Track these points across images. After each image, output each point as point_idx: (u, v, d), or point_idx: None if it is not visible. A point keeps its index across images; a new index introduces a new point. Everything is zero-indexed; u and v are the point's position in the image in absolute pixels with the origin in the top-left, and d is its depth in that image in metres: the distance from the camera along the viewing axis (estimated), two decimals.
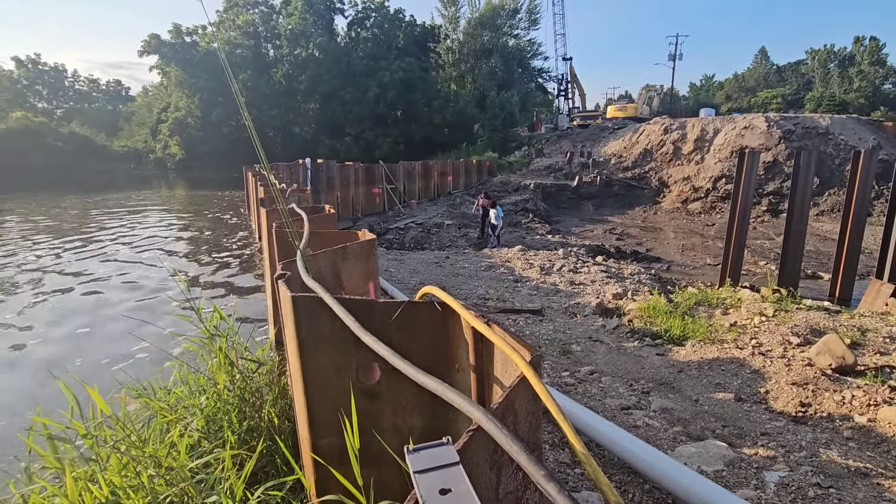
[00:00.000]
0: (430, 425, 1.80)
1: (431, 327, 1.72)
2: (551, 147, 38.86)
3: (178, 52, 48.22)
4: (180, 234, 17.33)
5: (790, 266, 9.90)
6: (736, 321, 5.63)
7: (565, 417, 0.99)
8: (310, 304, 1.72)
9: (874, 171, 9.79)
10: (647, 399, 3.85)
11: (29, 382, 5.90)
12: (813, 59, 74.18)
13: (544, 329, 5.75)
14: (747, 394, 3.94)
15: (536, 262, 9.94)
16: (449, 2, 55.96)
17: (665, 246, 17.92)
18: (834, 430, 3.31)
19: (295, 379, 1.90)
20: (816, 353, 4.25)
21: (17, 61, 71.62)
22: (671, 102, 57.65)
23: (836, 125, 27.32)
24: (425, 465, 0.84)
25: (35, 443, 1.95)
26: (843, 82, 67.21)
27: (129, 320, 7.40)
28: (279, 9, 51.69)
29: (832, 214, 22.40)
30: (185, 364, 2.80)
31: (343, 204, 18.97)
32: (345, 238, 3.33)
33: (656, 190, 28.24)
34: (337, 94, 47.42)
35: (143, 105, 69.22)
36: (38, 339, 7.26)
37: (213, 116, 47.15)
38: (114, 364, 6.01)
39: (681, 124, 30.83)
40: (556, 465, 2.84)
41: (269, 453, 2.29)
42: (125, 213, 22.29)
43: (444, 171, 28.68)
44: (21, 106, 60.27)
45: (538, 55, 59.30)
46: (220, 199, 28.02)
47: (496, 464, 1.07)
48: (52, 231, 16.82)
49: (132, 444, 1.95)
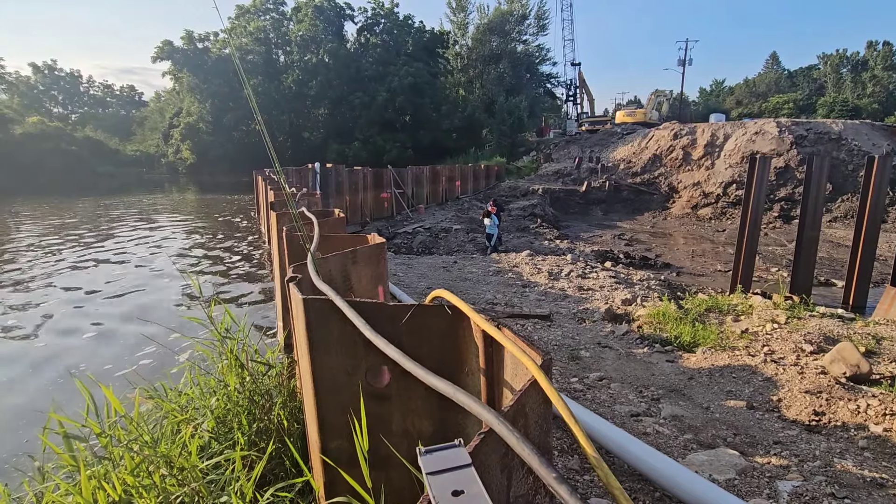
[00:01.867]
0: (439, 429, 1.80)
1: (441, 331, 1.72)
2: (560, 152, 38.81)
3: (190, 58, 49.00)
4: (191, 236, 17.52)
5: (803, 273, 9.77)
6: (747, 328, 5.57)
7: (577, 422, 0.98)
8: (321, 306, 1.73)
9: (888, 176, 9.65)
10: (658, 406, 3.81)
11: (41, 383, 5.98)
12: (825, 64, 73.53)
13: (553, 334, 5.73)
14: (759, 402, 3.89)
15: (545, 268, 9.90)
16: (458, 8, 56.34)
17: (675, 252, 17.77)
18: (849, 439, 3.26)
19: (305, 381, 1.91)
20: (830, 362, 4.19)
21: (35, 67, 73.23)
22: (681, 108, 57.38)
23: (849, 130, 27.00)
24: (438, 466, 0.84)
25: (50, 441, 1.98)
26: (856, 87, 66.51)
27: (140, 322, 7.48)
28: (290, 15, 52.35)
29: (845, 221, 22.10)
30: (196, 366, 2.82)
31: (352, 208, 19.06)
32: (354, 242, 3.35)
33: (666, 195, 28.06)
34: (346, 100, 47.83)
35: (155, 110, 70.33)
36: (51, 340, 7.36)
37: (223, 121, 47.79)
38: (126, 365, 6.08)
39: (690, 129, 30.65)
40: (566, 470, 2.82)
41: (278, 455, 2.30)
42: (136, 216, 22.59)
43: (452, 176, 28.73)
44: (37, 111, 61.54)
45: (547, 60, 59.40)
46: (231, 203, 28.30)
47: (507, 467, 1.07)
48: (63, 233, 17.08)
49: (145, 444, 1.97)
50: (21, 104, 61.69)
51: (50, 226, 19.01)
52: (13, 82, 66.66)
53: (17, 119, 47.92)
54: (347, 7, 51.96)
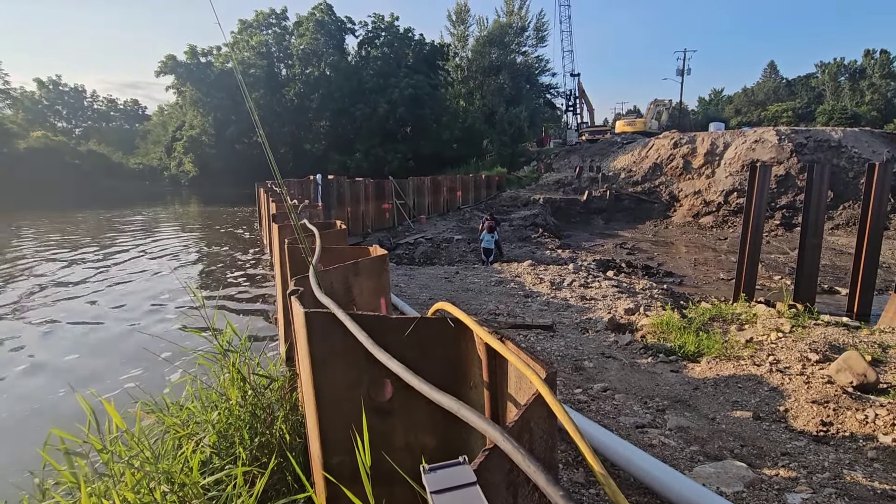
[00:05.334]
0: (442, 444, 1.78)
1: (444, 344, 1.71)
2: (560, 162, 38.98)
3: (193, 72, 49.50)
4: (193, 249, 17.56)
5: (806, 281, 9.73)
6: (752, 337, 5.53)
7: (583, 437, 0.97)
8: (322, 319, 1.72)
9: (889, 183, 9.65)
10: (663, 417, 3.77)
11: (41, 396, 5.95)
12: (823, 72, 73.99)
13: (556, 345, 5.69)
14: (766, 412, 3.85)
15: (547, 277, 9.88)
16: (458, 20, 57.00)
17: (677, 260, 17.73)
18: (857, 450, 3.21)
19: (307, 395, 1.89)
20: (836, 371, 4.15)
21: (39, 83, 74.13)
22: (680, 117, 57.69)
23: (849, 138, 27.07)
24: (442, 485, 0.83)
25: (50, 457, 1.97)
26: (855, 95, 66.85)
27: (141, 335, 7.46)
28: (292, 30, 52.97)
29: (847, 228, 22.07)
30: (198, 379, 2.81)
31: (353, 219, 19.11)
32: (356, 254, 3.35)
33: (667, 204, 28.08)
34: (347, 111, 48.19)
35: (158, 123, 70.92)
36: (50, 354, 7.34)
37: (226, 134, 48.13)
38: (127, 379, 6.05)
39: (690, 138, 30.77)
40: (571, 484, 2.79)
41: (280, 470, 2.28)
42: (139, 228, 22.67)
43: (454, 187, 28.83)
44: (41, 125, 62.04)
45: (546, 71, 59.84)
46: (233, 215, 28.40)
47: (512, 484, 1.05)
48: (66, 246, 17.13)
49: (146, 460, 1.95)
50: (25, 119, 62.29)
51: (50, 238, 19.09)
52: (18, 97, 67.40)
53: (21, 133, 48.33)
54: (348, 21, 52.60)
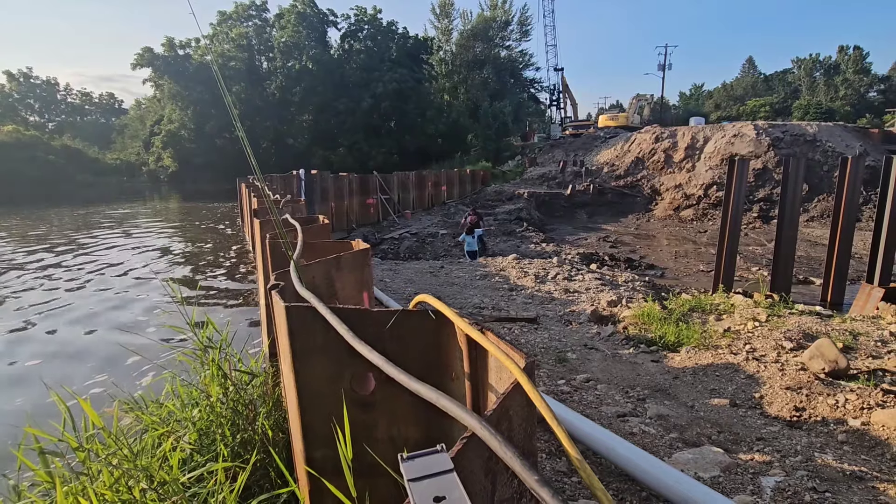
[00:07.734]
0: (425, 435, 1.79)
1: (426, 336, 1.72)
2: (544, 156, 39.17)
3: (171, 65, 48.36)
4: (173, 245, 17.23)
5: (782, 271, 9.99)
6: (730, 327, 5.66)
7: (559, 423, 0.99)
8: (303, 313, 1.72)
9: (862, 177, 9.94)
10: (643, 406, 3.85)
11: (16, 397, 5.80)
12: (799, 67, 75.63)
13: (540, 337, 5.75)
14: (742, 399, 3.95)
15: (531, 271, 9.96)
16: (442, 14, 56.76)
17: (658, 253, 18.02)
18: (828, 434, 3.32)
19: (288, 389, 1.88)
20: (809, 358, 4.28)
21: (9, 75, 71.54)
22: (661, 111, 58.40)
23: (824, 132, 27.76)
24: (419, 472, 0.83)
25: (25, 457, 1.92)
26: (829, 90, 68.50)
27: (119, 332, 7.32)
28: (272, 22, 52.05)
29: (822, 220, 22.67)
30: (177, 376, 2.77)
31: (337, 215, 18.97)
32: (339, 248, 3.33)
33: (649, 198, 28.47)
34: (330, 106, 47.65)
35: (135, 118, 69.18)
36: (24, 353, 7.16)
37: (206, 128, 47.20)
38: (104, 377, 5.93)
39: (671, 133, 31.20)
40: (553, 473, 2.83)
41: (262, 466, 2.26)
42: (116, 225, 22.15)
43: (438, 182, 28.79)
44: (12, 119, 60.00)
45: (530, 66, 60.06)
46: (214, 211, 27.93)
47: (491, 471, 1.06)
48: (41, 243, 16.66)
49: (124, 458, 1.92)
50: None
51: (24, 236, 18.53)
52: None
53: None
54: (330, 13, 51.89)
